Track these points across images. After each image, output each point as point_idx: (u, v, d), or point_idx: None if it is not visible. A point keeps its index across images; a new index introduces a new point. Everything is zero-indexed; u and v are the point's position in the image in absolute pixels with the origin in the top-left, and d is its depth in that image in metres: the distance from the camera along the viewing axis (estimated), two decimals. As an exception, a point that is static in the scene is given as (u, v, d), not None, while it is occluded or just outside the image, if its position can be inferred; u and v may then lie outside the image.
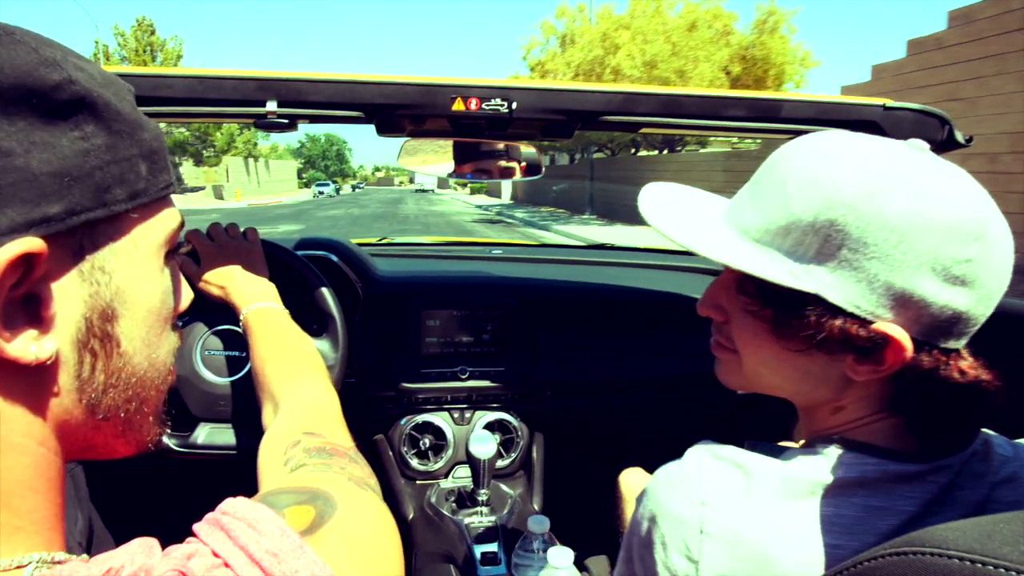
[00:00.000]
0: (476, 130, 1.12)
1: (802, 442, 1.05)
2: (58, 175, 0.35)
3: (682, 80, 15.59)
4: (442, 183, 55.26)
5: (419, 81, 0.99)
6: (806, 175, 0.53)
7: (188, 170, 39.06)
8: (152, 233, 0.44)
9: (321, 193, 48.79)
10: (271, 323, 0.94)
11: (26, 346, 0.35)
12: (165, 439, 1.09)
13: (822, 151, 0.54)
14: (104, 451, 0.45)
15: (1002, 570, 0.34)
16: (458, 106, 1.00)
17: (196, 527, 0.39)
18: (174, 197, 0.47)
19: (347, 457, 0.59)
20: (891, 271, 0.50)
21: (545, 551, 0.99)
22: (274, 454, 0.61)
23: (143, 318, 0.44)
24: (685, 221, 0.61)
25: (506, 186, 36.97)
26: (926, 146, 0.55)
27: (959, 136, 0.98)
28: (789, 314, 0.54)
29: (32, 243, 0.34)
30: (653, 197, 0.65)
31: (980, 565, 0.35)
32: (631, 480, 1.14)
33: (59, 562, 0.36)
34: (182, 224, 0.48)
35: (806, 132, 1.06)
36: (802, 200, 0.53)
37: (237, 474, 0.82)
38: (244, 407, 1.10)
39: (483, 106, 1.00)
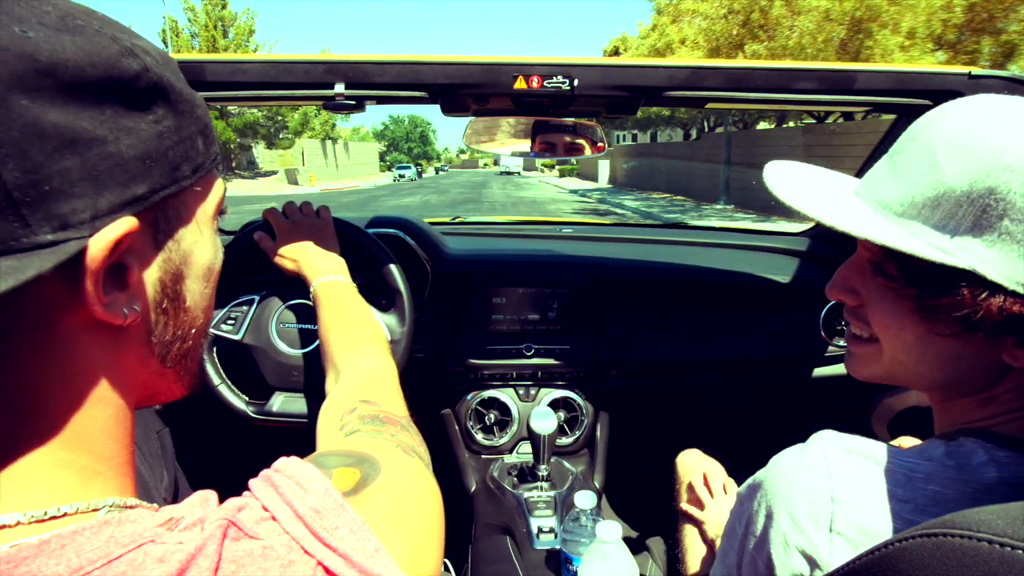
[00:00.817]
0: (539, 107, 1.12)
1: (906, 440, 0.99)
2: (142, 158, 0.38)
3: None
4: (528, 164, 51.94)
5: (481, 60, 1.00)
6: (959, 140, 0.49)
7: (261, 153, 37.65)
8: (208, 202, 0.47)
9: (402, 176, 46.47)
10: (338, 295, 0.99)
11: (117, 309, 0.39)
12: (243, 406, 1.16)
13: (976, 114, 0.49)
14: (166, 395, 0.49)
15: None
16: (520, 84, 1.00)
17: (251, 482, 0.43)
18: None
19: (399, 425, 0.62)
20: None
21: (593, 526, 1.00)
22: (331, 419, 0.65)
23: (202, 276, 0.48)
24: (820, 197, 0.57)
25: (603, 167, 33.79)
26: None
27: None
28: (938, 293, 0.49)
29: (130, 222, 0.38)
30: (780, 176, 0.61)
31: (1009, 549, 0.33)
32: (688, 461, 1.13)
33: (130, 507, 0.40)
34: (225, 191, 0.51)
35: (883, 105, 1.02)
36: (955, 167, 0.48)
37: (309, 440, 0.87)
38: (316, 378, 1.15)
39: (545, 84, 1.00)
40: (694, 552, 1.06)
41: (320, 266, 1.04)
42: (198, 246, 0.47)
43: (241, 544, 0.37)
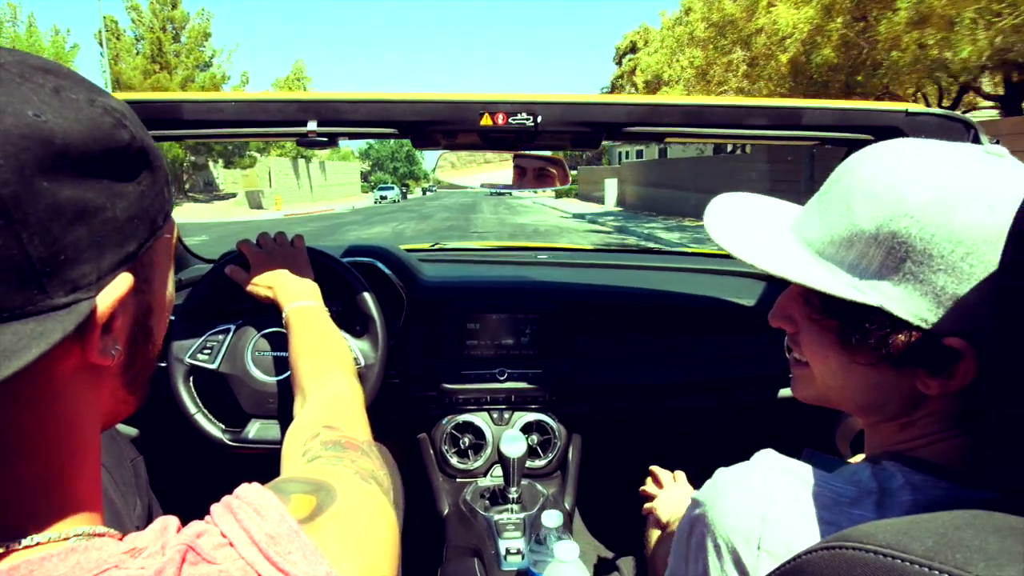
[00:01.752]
0: (505, 143, 1.17)
1: (859, 457, 1.03)
2: (131, 219, 0.42)
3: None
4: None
5: (448, 98, 1.05)
6: (871, 185, 0.52)
7: (221, 173, 33.75)
8: (171, 241, 0.51)
9: (383, 198, 42.05)
10: (309, 321, 1.02)
11: (108, 352, 0.42)
12: (219, 434, 1.18)
13: (888, 160, 0.53)
14: (122, 417, 0.51)
15: (907, 563, 0.36)
16: (486, 121, 1.05)
17: (212, 508, 0.45)
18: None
19: (360, 450, 0.65)
20: (959, 284, 0.48)
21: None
22: (295, 445, 0.68)
23: (166, 308, 0.52)
24: (748, 235, 0.61)
25: (609, 187, 29.68)
26: (1004, 151, 0.53)
27: (985, 141, 0.97)
28: (854, 327, 0.53)
29: (128, 279, 0.42)
30: (719, 210, 0.65)
31: (891, 559, 0.37)
32: (671, 500, 1.15)
33: (98, 535, 0.42)
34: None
35: (830, 139, 1.08)
36: (865, 211, 0.52)
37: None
38: (291, 404, 1.18)
39: (510, 120, 1.05)
40: (650, 536, 1.11)
41: (293, 292, 1.07)
42: (164, 283, 0.51)
43: (198, 568, 0.39)
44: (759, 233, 0.61)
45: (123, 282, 0.41)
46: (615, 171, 31.38)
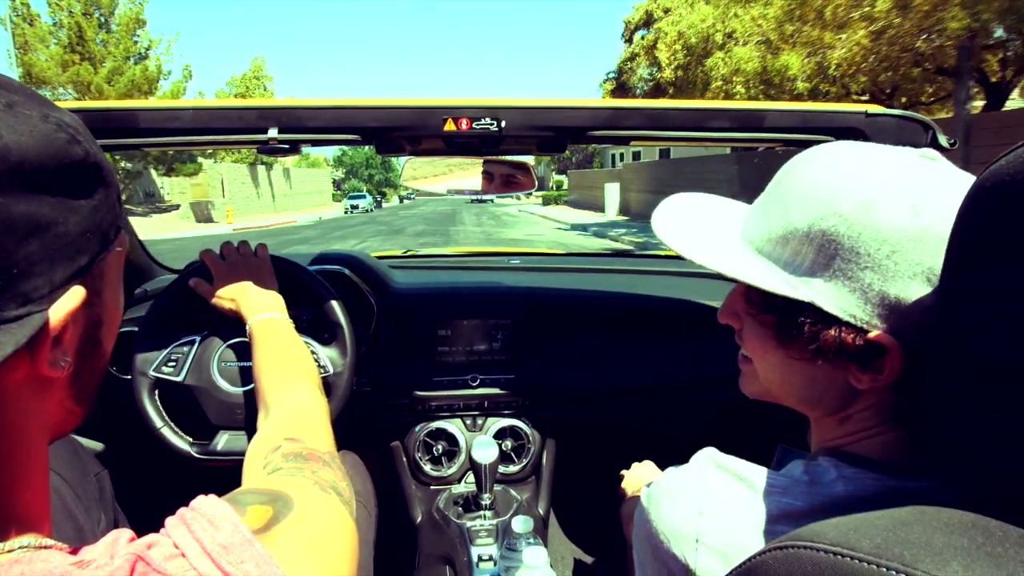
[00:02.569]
0: (470, 147, 1.17)
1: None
2: (84, 233, 0.43)
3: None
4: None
5: (411, 104, 1.04)
6: (806, 185, 0.54)
7: (165, 182, 29.40)
8: (122, 255, 0.51)
9: (354, 208, 38.35)
10: (272, 332, 1.01)
11: (56, 363, 0.42)
12: (187, 447, 1.16)
13: (824, 162, 0.55)
14: (70, 428, 0.51)
15: (856, 561, 0.37)
16: (449, 126, 1.05)
17: (167, 520, 0.45)
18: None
19: (321, 461, 0.64)
20: (885, 281, 0.50)
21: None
22: (256, 457, 0.67)
23: (115, 319, 0.52)
24: (691, 232, 0.63)
25: (611, 193, 25.30)
26: (937, 155, 0.55)
27: (943, 141, 0.98)
28: (788, 322, 0.55)
29: (80, 292, 0.43)
30: (670, 209, 0.66)
31: (840, 557, 0.37)
32: (635, 474, 1.17)
33: (45, 547, 0.41)
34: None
35: (792, 140, 1.09)
36: (800, 210, 0.54)
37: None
38: (258, 415, 1.16)
39: (473, 125, 1.05)
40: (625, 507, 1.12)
41: (256, 304, 1.06)
42: (115, 294, 0.50)
43: None
44: (703, 231, 0.63)
45: (75, 295, 0.42)
46: (616, 174, 27.06)
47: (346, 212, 38.02)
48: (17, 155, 0.37)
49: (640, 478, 1.14)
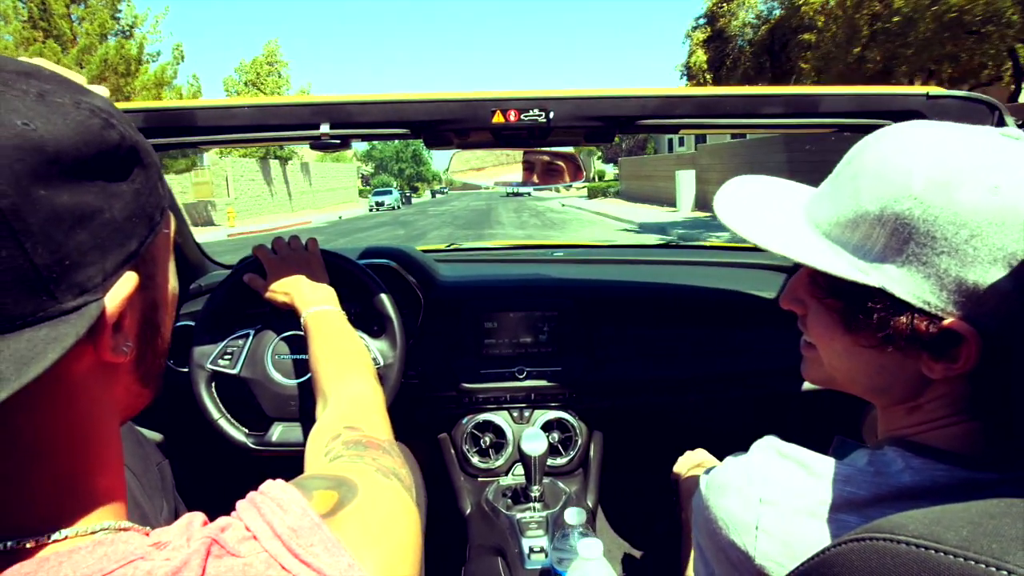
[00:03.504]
0: (518, 140, 1.17)
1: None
2: (129, 218, 0.43)
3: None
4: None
5: (459, 97, 1.04)
6: (878, 166, 0.52)
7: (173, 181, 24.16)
8: (169, 236, 0.52)
9: (380, 205, 35.63)
10: (327, 324, 1.03)
11: (119, 349, 0.43)
12: (243, 438, 1.19)
13: (897, 141, 0.53)
14: (138, 410, 0.52)
15: (941, 554, 0.35)
16: (497, 118, 1.05)
17: (238, 504, 0.46)
18: None
19: (381, 449, 0.65)
20: (963, 267, 0.48)
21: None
22: (317, 446, 0.68)
23: (171, 302, 0.53)
24: (757, 216, 0.61)
25: (684, 182, 20.53)
26: (1021, 133, 0.52)
27: (1010, 123, 0.94)
28: (857, 308, 0.54)
29: (133, 278, 0.43)
30: (732, 192, 0.65)
31: (924, 549, 0.36)
32: (688, 458, 1.16)
33: (124, 529, 0.43)
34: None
35: (849, 126, 1.06)
36: (871, 192, 0.52)
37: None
38: (312, 406, 1.19)
39: (522, 117, 1.05)
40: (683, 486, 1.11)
41: (310, 297, 1.08)
42: (168, 277, 0.51)
43: (223, 561, 0.40)
44: (768, 214, 0.61)
45: (129, 281, 0.42)
46: (689, 160, 21.69)
47: (371, 209, 35.57)
48: (54, 146, 0.37)
49: (692, 461, 1.14)
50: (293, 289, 1.10)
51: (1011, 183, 0.47)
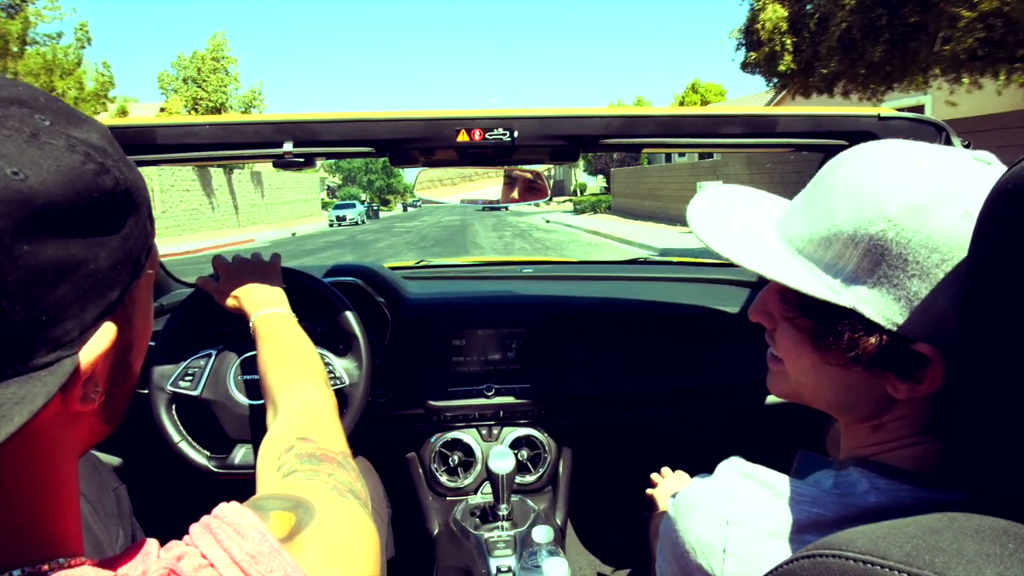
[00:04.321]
0: (483, 158, 1.17)
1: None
2: (114, 266, 0.40)
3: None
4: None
5: (424, 116, 1.05)
6: (853, 186, 0.52)
7: None
8: (153, 276, 0.50)
9: (341, 220, 31.53)
10: (275, 327, 1.00)
11: (88, 398, 0.41)
12: (205, 461, 1.16)
13: (873, 161, 0.53)
14: (96, 443, 0.50)
15: (887, 569, 0.36)
16: (462, 137, 1.05)
17: (191, 528, 0.45)
18: None
19: (335, 463, 0.64)
20: (933, 290, 0.48)
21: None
22: (270, 459, 0.66)
23: (144, 338, 0.50)
24: (729, 230, 0.61)
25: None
26: (993, 158, 0.52)
27: (956, 143, 0.98)
28: (826, 327, 0.53)
29: (111, 330, 0.41)
30: (703, 203, 0.64)
31: (871, 565, 0.37)
32: (666, 487, 1.15)
33: (77, 563, 0.41)
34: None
35: (805, 145, 1.09)
36: (846, 211, 0.52)
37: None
38: (267, 413, 1.17)
39: (486, 136, 1.05)
40: (653, 523, 1.09)
41: (259, 300, 1.05)
42: (145, 316, 0.49)
43: None
44: (740, 229, 0.61)
45: (107, 333, 0.40)
46: (710, 169, 18.51)
47: (331, 225, 31.45)
48: (43, 198, 0.35)
49: (671, 492, 1.12)
50: (243, 293, 1.08)
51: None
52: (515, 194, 1.38)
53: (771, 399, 1.55)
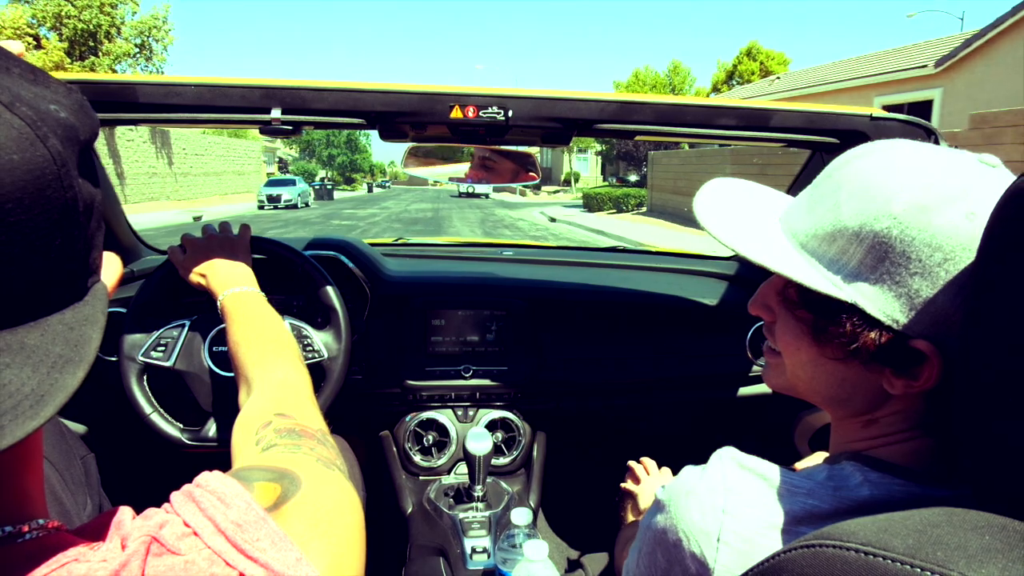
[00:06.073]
0: (475, 136, 1.15)
1: (820, 455, 1.05)
2: (100, 200, 0.43)
3: None
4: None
5: (419, 89, 1.03)
6: (860, 183, 0.53)
7: None
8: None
9: (274, 201, 24.97)
10: (245, 306, 0.98)
11: None
12: (177, 433, 1.13)
13: (881, 159, 0.53)
14: None
15: (889, 561, 0.36)
16: (456, 114, 1.03)
17: (172, 496, 0.44)
18: None
19: (315, 439, 0.63)
20: (934, 289, 0.49)
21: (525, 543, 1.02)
22: (246, 434, 0.65)
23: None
24: (734, 222, 0.61)
25: None
26: (997, 161, 0.53)
27: (944, 146, 0.99)
28: (827, 321, 0.54)
29: (115, 258, 0.48)
30: (710, 195, 0.65)
31: (871, 556, 0.37)
32: (648, 487, 1.15)
33: (54, 528, 0.40)
34: None
35: (797, 141, 1.09)
36: (851, 208, 0.52)
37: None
38: (239, 391, 1.15)
39: (480, 114, 1.04)
40: (625, 518, 1.10)
41: (226, 278, 1.03)
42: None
43: (163, 560, 0.38)
44: (745, 221, 0.62)
45: (114, 262, 0.47)
46: (749, 157, 13.64)
47: (260, 207, 24.85)
48: (82, 133, 0.39)
49: (656, 483, 1.12)
50: (209, 270, 1.05)
51: (985, 211, 0.48)
52: (502, 176, 1.37)
53: (743, 391, 1.57)
